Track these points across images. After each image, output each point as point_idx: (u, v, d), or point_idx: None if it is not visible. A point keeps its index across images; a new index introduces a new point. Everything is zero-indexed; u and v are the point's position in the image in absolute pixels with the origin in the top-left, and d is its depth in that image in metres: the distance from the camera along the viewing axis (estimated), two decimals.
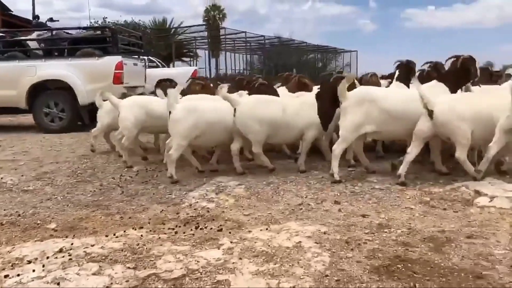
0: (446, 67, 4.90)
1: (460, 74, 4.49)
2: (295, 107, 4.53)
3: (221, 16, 55.42)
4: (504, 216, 3.07)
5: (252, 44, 46.07)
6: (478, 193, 3.54)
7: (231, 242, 2.68)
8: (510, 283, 2.15)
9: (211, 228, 2.95)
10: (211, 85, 6.07)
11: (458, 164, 3.95)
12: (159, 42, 37.77)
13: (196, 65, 40.86)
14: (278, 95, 4.93)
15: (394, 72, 5.40)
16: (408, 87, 4.67)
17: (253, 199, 3.64)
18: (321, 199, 3.59)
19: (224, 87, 4.52)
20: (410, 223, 3.00)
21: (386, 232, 2.85)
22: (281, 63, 45.72)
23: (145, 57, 19.59)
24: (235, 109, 4.34)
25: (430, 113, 3.86)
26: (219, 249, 2.59)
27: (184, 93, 5.12)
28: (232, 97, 4.49)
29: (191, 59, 43.81)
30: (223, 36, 42.38)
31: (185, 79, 19.23)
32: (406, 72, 5.06)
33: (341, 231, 2.88)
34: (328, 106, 4.42)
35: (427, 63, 5.51)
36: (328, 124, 4.48)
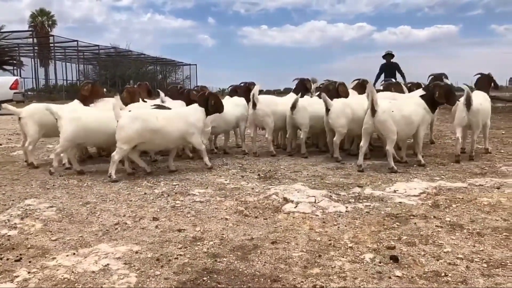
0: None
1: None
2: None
3: (50, 22, 51.47)
4: (306, 220, 3.35)
5: (85, 53, 43.79)
6: (286, 200, 3.82)
7: (28, 273, 2.46)
8: (301, 283, 2.34)
9: (7, 259, 2.68)
10: None
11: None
12: None
13: (20, 75, 37.41)
14: None
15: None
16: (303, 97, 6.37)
17: (64, 222, 3.41)
18: (140, 217, 3.52)
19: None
20: (223, 234, 3.10)
21: (199, 245, 2.90)
22: (118, 74, 44.30)
23: None
24: None
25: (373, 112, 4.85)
26: (12, 282, 2.36)
27: None
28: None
29: (14, 67, 39.93)
30: (52, 44, 39.54)
31: (5, 90, 17.43)
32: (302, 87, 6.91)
33: (154, 248, 2.85)
34: None
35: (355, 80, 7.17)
36: None
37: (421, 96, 5.32)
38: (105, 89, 7.53)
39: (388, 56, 10.97)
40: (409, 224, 3.23)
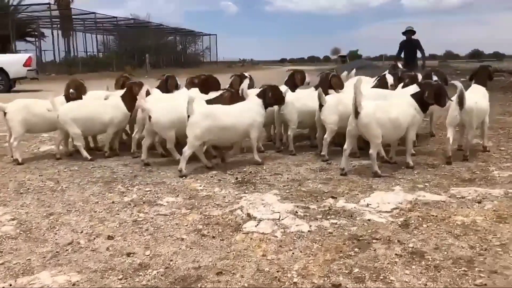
0: None
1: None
2: None
3: None
4: (262, 243, 3.22)
5: (104, 25, 43.69)
6: (249, 216, 3.69)
7: None
8: None
9: None
10: None
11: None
12: None
13: (40, 47, 37.70)
14: None
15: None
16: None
17: (19, 240, 3.37)
18: (96, 234, 3.45)
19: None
20: (171, 260, 3.00)
21: (140, 275, 2.81)
22: (137, 45, 44.19)
23: None
24: None
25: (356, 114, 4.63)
26: None
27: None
28: None
29: (36, 39, 40.23)
30: (74, 16, 39.58)
31: (18, 67, 17.65)
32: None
33: (94, 279, 2.77)
34: None
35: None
36: None
37: (413, 95, 5.05)
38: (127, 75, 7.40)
39: (409, 32, 10.58)
40: (368, 251, 3.07)
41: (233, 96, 5.77)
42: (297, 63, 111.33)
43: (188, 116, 4.90)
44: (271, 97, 5.44)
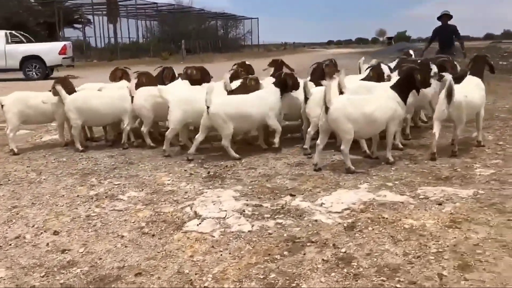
0: None
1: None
2: None
3: None
4: (196, 242, 3.22)
5: (146, 11, 44.39)
6: (196, 214, 3.70)
7: None
8: None
9: None
10: None
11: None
12: (41, 8, 35.18)
13: (84, 34, 38.79)
14: None
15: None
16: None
17: None
18: (46, 229, 3.56)
19: None
20: (101, 258, 3.06)
21: (63, 273, 2.88)
22: (179, 30, 44.65)
23: (6, 32, 18.25)
24: None
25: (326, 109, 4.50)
26: None
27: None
28: None
29: (82, 25, 41.47)
30: (119, 2, 40.37)
31: (54, 55, 18.22)
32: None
33: (18, 276, 2.87)
34: None
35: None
36: None
37: (393, 87, 4.87)
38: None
39: (444, 17, 9.86)
40: (297, 254, 3.01)
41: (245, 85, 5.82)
42: (344, 45, 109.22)
43: (208, 107, 5.02)
44: (291, 85, 5.60)
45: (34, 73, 18.09)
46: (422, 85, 4.85)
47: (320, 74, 6.11)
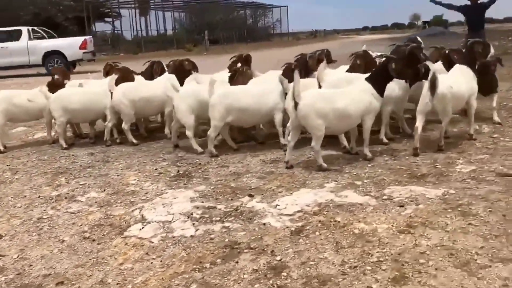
0: None
1: None
2: None
3: None
4: (132, 249, 3.11)
5: (174, 2, 44.56)
6: (142, 217, 3.58)
7: None
8: None
9: None
10: None
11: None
12: (71, 3, 35.84)
13: (113, 27, 39.28)
14: None
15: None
16: None
17: None
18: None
19: None
20: (31, 265, 2.99)
21: None
22: (206, 21, 44.62)
23: (28, 28, 18.64)
24: None
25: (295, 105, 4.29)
26: None
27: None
28: None
29: (113, 19, 42.07)
30: None
31: (74, 50, 18.49)
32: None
33: None
34: None
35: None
36: None
37: (368, 79, 4.60)
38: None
39: None
40: (230, 262, 2.86)
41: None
42: (379, 31, 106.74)
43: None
44: None
45: None
46: (398, 76, 4.55)
47: (303, 66, 5.85)
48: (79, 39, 19.25)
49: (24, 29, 18.63)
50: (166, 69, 6.59)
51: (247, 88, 5.37)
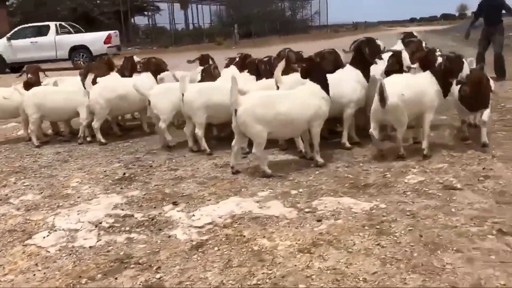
0: None
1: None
2: None
3: None
4: (25, 258, 3.03)
5: None
6: (53, 226, 3.49)
7: None
8: None
9: None
10: None
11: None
12: None
13: (153, 20, 39.77)
14: None
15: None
16: None
17: None
18: None
19: None
20: None
21: None
22: (243, 14, 44.46)
23: (56, 23, 19.12)
24: None
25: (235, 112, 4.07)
26: None
27: None
28: None
29: (151, 13, 42.72)
30: None
31: (99, 45, 18.81)
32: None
33: None
34: None
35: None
36: None
37: (315, 80, 4.34)
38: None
39: None
40: (109, 278, 2.73)
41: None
42: (428, 22, 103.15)
43: (183, 95, 4.88)
44: None
45: (81, 63, 18.80)
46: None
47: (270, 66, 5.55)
48: (104, 34, 19.55)
49: (52, 25, 19.12)
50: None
51: (220, 84, 5.20)
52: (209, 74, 5.61)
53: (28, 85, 6.24)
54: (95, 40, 19.01)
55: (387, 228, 3.06)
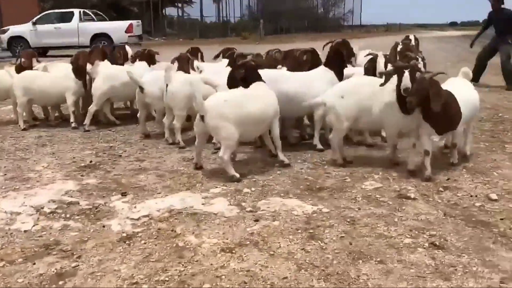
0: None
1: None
2: None
3: None
4: None
5: None
6: (4, 210, 3.52)
7: None
8: None
9: None
10: None
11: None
12: None
13: (182, 12, 40.05)
14: None
15: None
16: None
17: None
18: None
19: None
20: None
21: None
22: (274, 9, 44.26)
23: (80, 10, 19.43)
24: None
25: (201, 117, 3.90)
26: None
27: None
28: None
29: (182, 4, 43.03)
30: None
31: (120, 33, 19.02)
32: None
33: None
34: None
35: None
36: None
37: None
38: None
39: (495, 1, 8.48)
40: (22, 265, 2.72)
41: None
42: (468, 27, 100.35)
43: (167, 85, 4.89)
44: None
45: None
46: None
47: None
48: (126, 23, 19.79)
49: (76, 11, 19.44)
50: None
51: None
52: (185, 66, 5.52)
53: (20, 69, 6.33)
54: (116, 28, 19.25)
55: (319, 233, 2.96)
